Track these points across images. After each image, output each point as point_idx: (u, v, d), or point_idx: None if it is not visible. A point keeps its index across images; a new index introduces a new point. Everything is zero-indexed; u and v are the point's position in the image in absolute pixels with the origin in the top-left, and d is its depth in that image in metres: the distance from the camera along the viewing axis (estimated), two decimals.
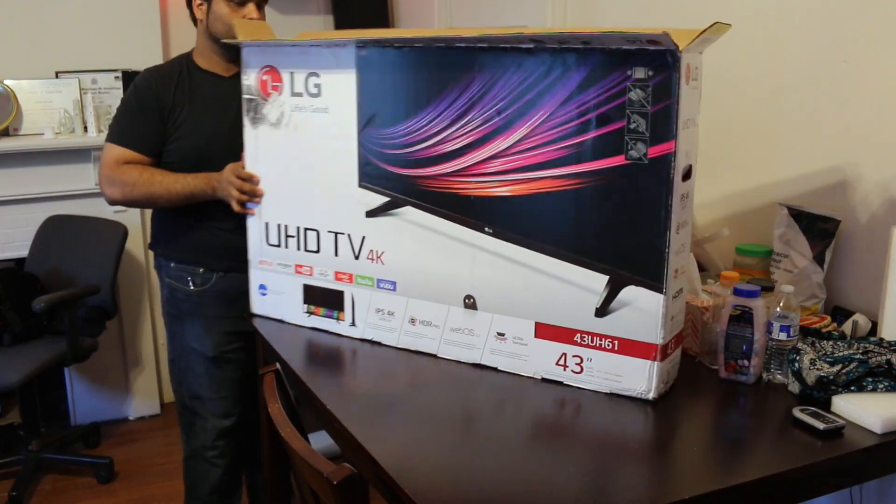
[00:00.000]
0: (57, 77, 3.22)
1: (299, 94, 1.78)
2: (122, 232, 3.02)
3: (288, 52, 1.78)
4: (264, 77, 1.82)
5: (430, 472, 1.24)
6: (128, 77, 3.24)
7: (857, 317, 1.65)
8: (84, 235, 3.10)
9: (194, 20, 2.07)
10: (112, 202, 2.03)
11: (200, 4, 2.01)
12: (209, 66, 2.06)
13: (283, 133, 1.82)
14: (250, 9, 1.97)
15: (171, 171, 1.99)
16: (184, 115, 2.02)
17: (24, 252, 3.14)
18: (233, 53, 1.97)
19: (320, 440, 1.65)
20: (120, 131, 2.03)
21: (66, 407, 3.41)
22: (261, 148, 1.87)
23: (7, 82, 3.14)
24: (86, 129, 3.20)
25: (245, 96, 1.86)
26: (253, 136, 1.87)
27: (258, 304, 1.95)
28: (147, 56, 3.09)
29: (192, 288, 2.10)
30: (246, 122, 1.87)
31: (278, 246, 1.88)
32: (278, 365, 1.58)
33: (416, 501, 1.13)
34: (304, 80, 1.76)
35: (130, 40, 3.29)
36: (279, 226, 1.87)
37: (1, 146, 3.03)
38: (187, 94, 2.03)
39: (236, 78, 1.90)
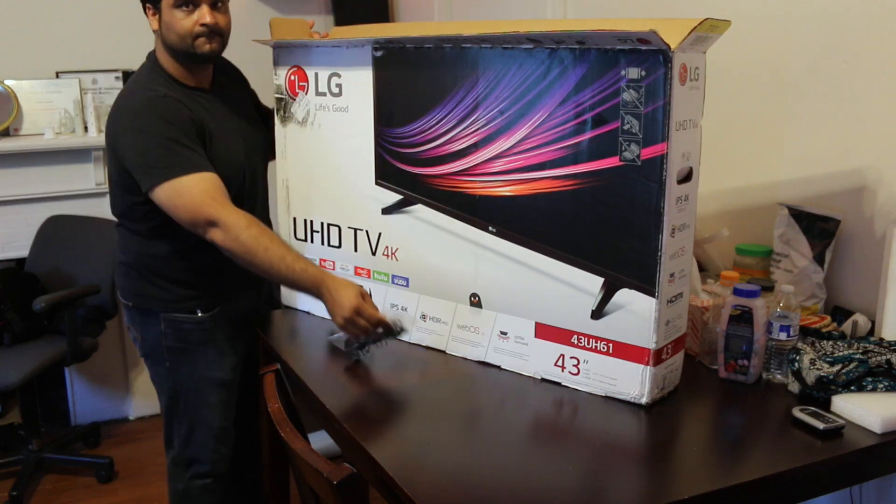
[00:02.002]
0: (57, 77, 3.22)
1: (323, 94, 1.83)
2: None
3: (312, 52, 1.84)
4: (292, 77, 1.88)
5: (430, 472, 1.24)
6: (128, 77, 3.23)
7: (857, 317, 1.65)
8: (84, 235, 3.10)
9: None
10: (213, 243, 1.68)
11: (154, 14, 1.80)
12: (185, 78, 1.84)
13: (308, 131, 1.88)
14: (203, 12, 1.75)
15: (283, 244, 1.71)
16: (209, 139, 1.81)
17: (24, 252, 3.14)
18: (198, 63, 1.82)
19: (320, 440, 1.65)
20: (187, 159, 1.69)
21: (66, 407, 3.41)
22: (289, 146, 1.94)
23: (7, 82, 3.14)
24: (86, 129, 3.20)
25: (275, 95, 1.93)
26: (282, 135, 1.94)
27: (287, 296, 2.02)
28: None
29: (200, 315, 1.89)
30: (276, 120, 1.95)
31: (305, 240, 1.95)
32: (278, 365, 1.58)
33: (415, 501, 1.13)
34: (326, 79, 1.82)
35: (130, 40, 3.26)
36: (305, 221, 1.94)
37: (1, 146, 3.03)
38: (201, 116, 1.81)
39: (219, 89, 1.90)
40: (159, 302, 1.90)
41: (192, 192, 1.67)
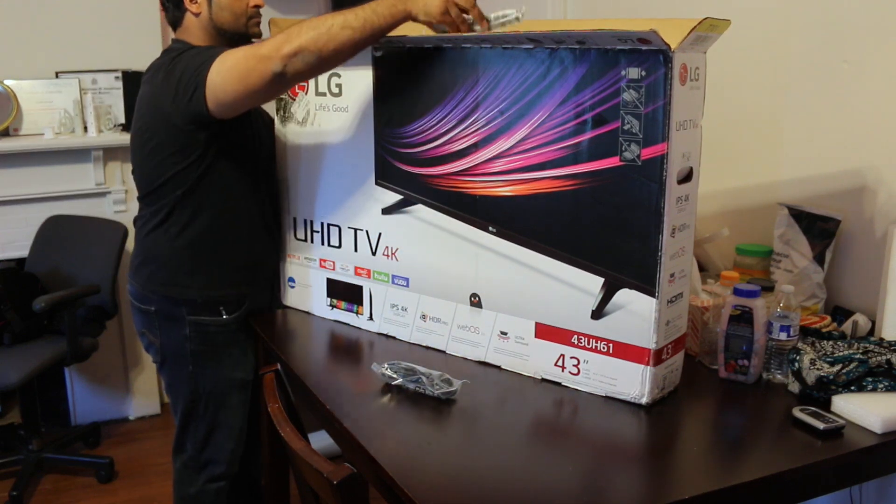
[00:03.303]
0: (57, 77, 3.22)
1: (323, 94, 1.83)
2: (122, 232, 3.02)
3: None
4: None
5: (430, 472, 1.24)
6: (128, 77, 3.24)
7: (857, 317, 1.65)
8: (84, 235, 3.10)
9: (173, 22, 1.85)
10: (285, 72, 1.56)
11: (196, 0, 1.79)
12: None
13: (308, 131, 1.88)
14: None
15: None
16: (244, 124, 1.81)
17: (24, 252, 3.14)
18: (236, 44, 1.78)
19: (320, 440, 1.65)
20: (217, 52, 1.66)
21: (66, 407, 3.41)
22: (289, 146, 1.94)
23: (7, 82, 3.14)
24: (86, 129, 3.20)
25: None
26: (282, 135, 1.95)
27: (287, 297, 2.03)
28: (147, 56, 3.07)
29: (225, 317, 1.88)
30: (276, 120, 1.95)
31: (305, 240, 1.95)
32: (278, 365, 1.58)
33: (416, 501, 1.13)
34: (326, 79, 1.82)
35: (130, 40, 3.29)
36: (305, 221, 1.94)
37: (1, 146, 3.03)
38: None
39: None
40: (185, 305, 1.86)
41: (238, 53, 1.62)
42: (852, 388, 1.40)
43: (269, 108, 2.06)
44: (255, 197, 1.90)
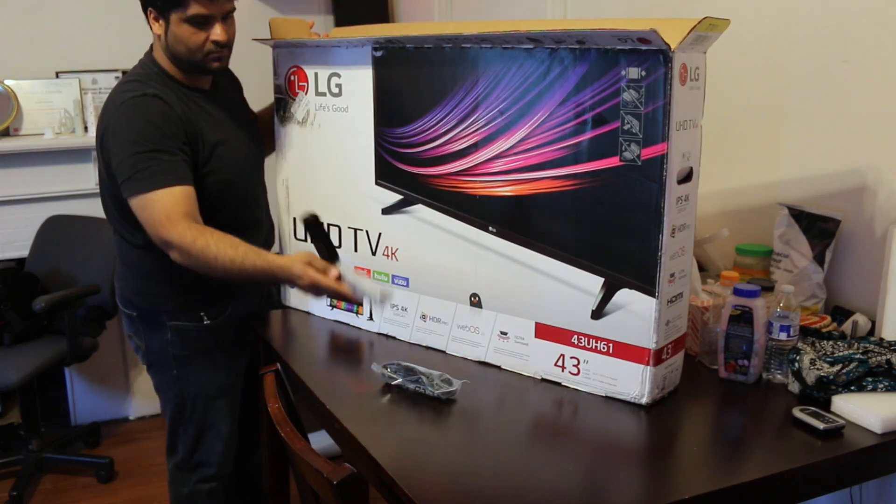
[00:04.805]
0: (57, 77, 3.22)
1: (323, 94, 1.83)
2: None
3: (312, 53, 1.84)
4: (292, 77, 1.89)
5: (430, 472, 1.24)
6: None
7: (857, 317, 1.65)
8: (84, 235, 3.10)
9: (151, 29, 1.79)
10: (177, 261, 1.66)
11: (157, 19, 1.73)
12: (186, 79, 1.81)
13: (308, 131, 1.88)
14: (217, 30, 1.72)
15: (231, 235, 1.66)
16: (209, 142, 1.78)
17: (24, 252, 3.14)
18: (202, 74, 1.81)
19: (320, 440, 1.65)
20: (158, 173, 1.65)
21: (66, 407, 3.41)
22: (288, 145, 1.94)
23: (7, 82, 3.13)
24: (86, 129, 3.20)
25: (276, 96, 1.94)
26: (282, 135, 1.94)
27: (287, 297, 2.02)
28: None
29: (207, 322, 1.88)
30: (276, 120, 1.95)
31: (304, 240, 1.93)
32: (278, 365, 1.57)
33: (415, 501, 1.13)
34: (326, 79, 1.82)
35: (130, 40, 3.26)
36: None
37: (1, 146, 3.03)
38: (198, 117, 1.78)
39: (217, 90, 1.88)
40: (164, 311, 1.87)
41: (153, 209, 1.64)
42: (852, 388, 1.40)
43: (256, 105, 2.06)
44: (234, 211, 1.85)
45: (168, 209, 1.63)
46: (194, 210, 1.68)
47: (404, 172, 1.71)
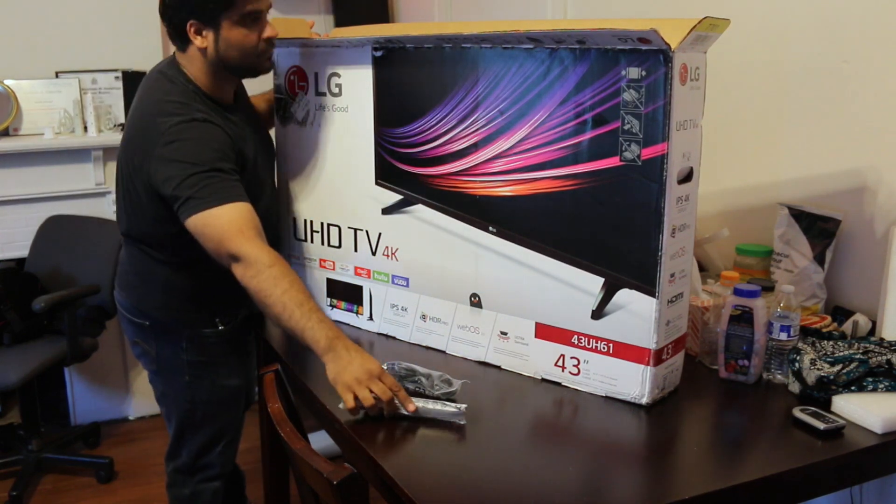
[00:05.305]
0: (57, 77, 3.22)
1: (323, 94, 1.83)
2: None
3: (312, 53, 1.84)
4: (292, 77, 1.89)
5: (430, 472, 1.24)
6: (128, 77, 3.24)
7: (858, 317, 1.65)
8: (84, 235, 3.10)
9: (179, 45, 1.73)
10: (234, 276, 1.58)
11: (199, 32, 1.67)
12: (219, 95, 1.76)
13: (308, 131, 1.88)
14: (265, 26, 1.70)
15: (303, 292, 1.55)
16: (249, 161, 1.76)
17: (24, 252, 3.14)
18: (251, 77, 1.79)
19: (320, 440, 1.65)
20: (222, 190, 1.59)
21: (66, 407, 3.41)
22: (289, 145, 1.93)
23: (7, 82, 3.13)
24: (86, 129, 3.20)
25: (276, 96, 1.94)
26: (282, 135, 1.94)
27: None
28: (147, 56, 3.09)
29: (222, 328, 1.86)
30: (276, 120, 1.95)
31: (304, 240, 1.94)
32: (278, 365, 1.57)
33: (415, 501, 1.13)
34: (326, 79, 1.82)
35: (130, 40, 3.29)
36: (305, 221, 1.94)
37: (1, 146, 3.03)
38: (237, 136, 1.74)
39: (238, 102, 1.85)
40: (182, 321, 1.84)
41: (221, 223, 1.57)
42: (853, 388, 1.40)
43: (253, 87, 2.04)
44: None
45: (239, 223, 1.58)
46: (262, 229, 1.62)
47: (404, 172, 1.71)
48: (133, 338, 1.94)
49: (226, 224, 1.57)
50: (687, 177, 1.39)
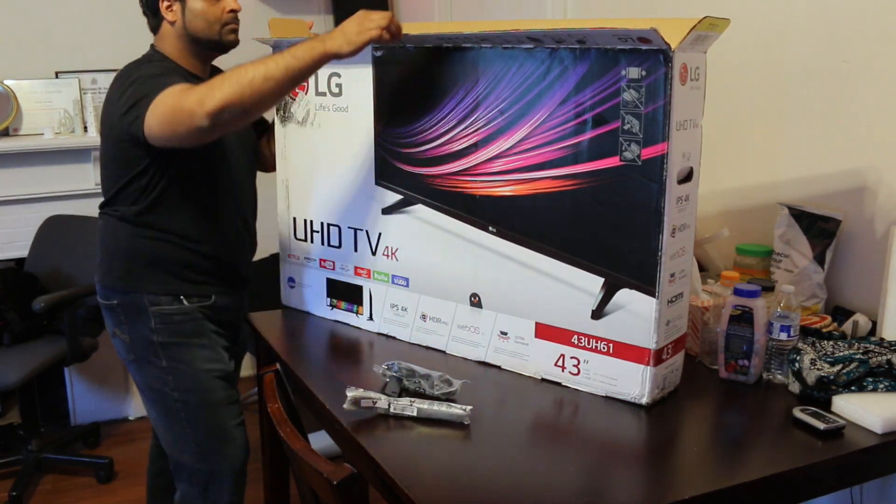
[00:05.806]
0: (57, 77, 3.22)
1: (323, 94, 1.83)
2: None
3: None
4: None
5: (430, 472, 1.24)
6: None
7: (858, 317, 1.65)
8: (84, 235, 3.09)
9: (153, 29, 1.86)
10: (211, 126, 1.53)
11: (170, 6, 1.79)
12: (196, 72, 1.85)
13: (308, 131, 1.88)
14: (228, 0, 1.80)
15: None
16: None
17: (24, 252, 3.14)
18: (211, 52, 1.86)
19: (320, 440, 1.65)
20: (166, 84, 1.63)
21: (66, 407, 3.41)
22: (289, 145, 1.93)
23: (7, 82, 3.13)
24: (86, 129, 3.20)
25: None
26: (282, 135, 1.94)
27: (287, 297, 2.02)
28: None
29: (191, 304, 1.85)
30: (276, 119, 1.94)
31: (304, 240, 1.94)
32: (278, 365, 1.58)
33: (415, 501, 1.13)
34: (326, 79, 1.81)
35: (130, 40, 3.26)
36: (305, 221, 1.93)
37: (1, 146, 3.03)
38: None
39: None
40: (147, 294, 1.83)
41: (166, 101, 1.59)
42: (853, 388, 1.40)
43: None
44: (224, 202, 1.87)
45: (179, 86, 1.60)
46: None
47: (404, 172, 1.71)
48: (111, 329, 1.93)
49: (169, 99, 1.58)
50: (687, 177, 1.39)
